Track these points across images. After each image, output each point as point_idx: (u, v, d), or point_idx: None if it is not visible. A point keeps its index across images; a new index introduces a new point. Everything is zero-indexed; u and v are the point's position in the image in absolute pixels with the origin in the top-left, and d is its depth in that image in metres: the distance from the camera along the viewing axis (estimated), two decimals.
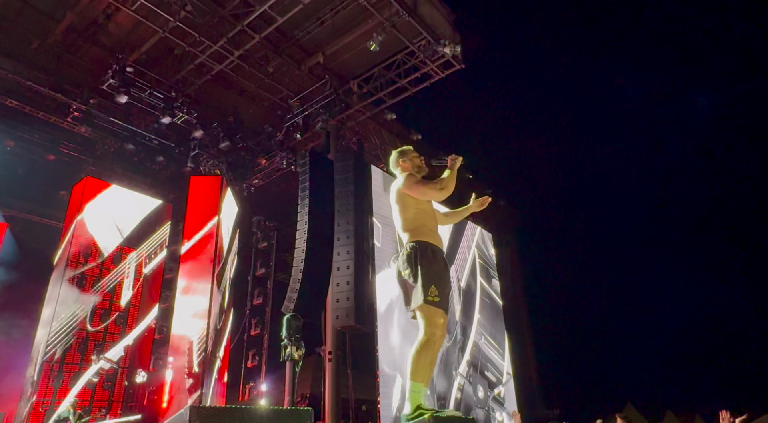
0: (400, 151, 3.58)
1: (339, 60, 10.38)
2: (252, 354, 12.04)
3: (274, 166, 11.73)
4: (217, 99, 11.18)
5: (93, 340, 8.80)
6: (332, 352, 9.21)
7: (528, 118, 17.97)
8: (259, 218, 13.06)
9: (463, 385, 11.75)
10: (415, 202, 3.33)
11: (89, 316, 8.83)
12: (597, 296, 16.97)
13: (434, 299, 3.02)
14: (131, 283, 9.62)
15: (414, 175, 3.41)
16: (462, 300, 12.90)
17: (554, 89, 17.67)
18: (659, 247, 17.45)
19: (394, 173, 3.58)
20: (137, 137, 10.54)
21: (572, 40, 16.65)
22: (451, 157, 3.39)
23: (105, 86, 9.08)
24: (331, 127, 10.66)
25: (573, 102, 17.76)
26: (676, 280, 16.62)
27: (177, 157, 11.11)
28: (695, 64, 16.97)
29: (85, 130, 9.95)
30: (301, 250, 8.87)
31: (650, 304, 16.95)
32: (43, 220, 10.66)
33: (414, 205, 3.33)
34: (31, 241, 10.04)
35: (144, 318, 9.66)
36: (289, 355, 6.20)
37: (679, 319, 16.16)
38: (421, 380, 3.00)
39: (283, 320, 6.56)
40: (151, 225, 10.30)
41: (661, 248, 17.43)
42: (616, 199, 18.16)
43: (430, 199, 3.39)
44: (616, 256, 17.68)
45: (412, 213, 3.32)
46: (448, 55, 9.24)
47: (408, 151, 3.56)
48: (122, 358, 9.10)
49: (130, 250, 9.83)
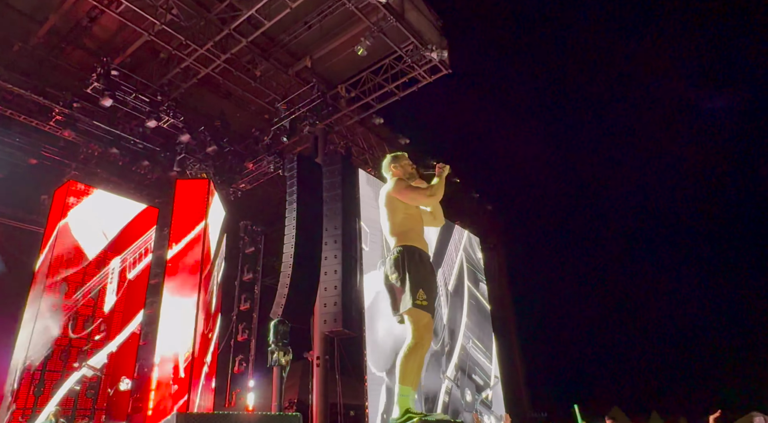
0: (394, 156, 3.58)
1: (327, 64, 10.39)
2: (239, 359, 11.92)
3: (262, 170, 11.67)
4: (204, 103, 11.10)
5: (76, 347, 8.64)
6: (320, 357, 9.15)
7: (516, 122, 18.17)
8: (246, 223, 12.98)
9: (451, 388, 11.76)
10: (404, 206, 3.35)
11: (72, 322, 8.67)
12: (584, 300, 17.16)
13: (422, 303, 3.04)
14: (115, 288, 9.47)
15: (404, 180, 3.43)
16: (449, 304, 12.93)
17: (542, 94, 17.89)
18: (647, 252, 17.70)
19: (384, 177, 3.58)
20: (122, 141, 10.39)
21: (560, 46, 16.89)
22: (439, 165, 3.42)
23: (89, 90, 8.95)
24: (319, 131, 10.65)
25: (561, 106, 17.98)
26: (661, 285, 16.88)
27: (163, 161, 10.97)
28: (693, 65, 17.28)
29: (68, 134, 9.78)
30: (289, 255, 8.82)
31: (636, 309, 17.18)
32: (24, 225, 10.47)
33: (403, 210, 3.35)
34: (11, 247, 9.84)
35: (128, 324, 9.50)
36: (276, 361, 6.14)
37: (663, 323, 16.40)
38: (410, 384, 3.01)
39: (270, 325, 6.51)
40: (136, 229, 10.16)
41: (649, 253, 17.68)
42: (603, 204, 18.40)
43: (420, 205, 3.42)
44: (603, 260, 17.90)
45: (400, 217, 3.34)
46: (435, 60, 9.31)
47: (401, 158, 3.56)
48: (105, 365, 8.94)
49: (114, 255, 9.69)
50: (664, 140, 17.94)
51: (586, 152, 18.39)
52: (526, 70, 17.80)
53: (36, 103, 9.40)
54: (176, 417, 2.21)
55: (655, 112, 18.53)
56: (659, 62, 17.64)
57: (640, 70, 18.14)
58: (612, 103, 18.71)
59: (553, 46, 16.89)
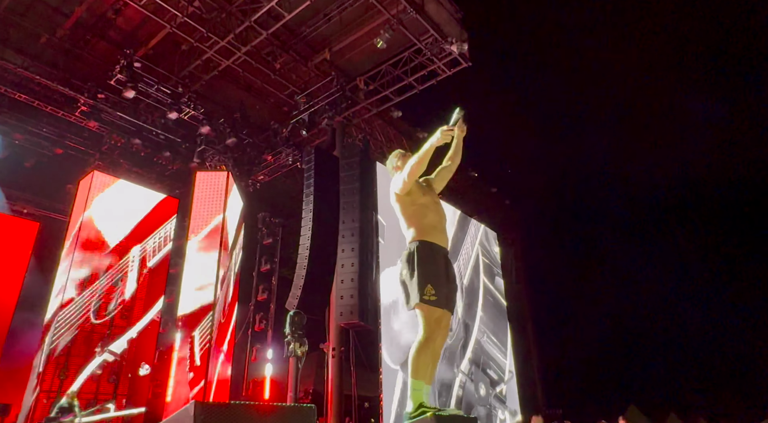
0: (399, 154, 3.59)
1: (346, 57, 10.35)
2: (256, 349, 12.05)
3: (280, 163, 11.72)
4: (224, 95, 11.18)
5: (98, 333, 8.85)
6: (335, 349, 9.22)
7: (535, 116, 17.88)
8: (264, 214, 13.06)
9: (465, 382, 11.75)
10: (411, 199, 3.31)
11: (93, 308, 8.88)
12: (602, 296, 16.90)
13: (430, 298, 3.02)
14: (136, 276, 9.66)
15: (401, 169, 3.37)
16: (465, 298, 12.89)
17: (562, 88, 17.54)
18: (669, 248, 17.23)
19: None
20: (144, 132, 10.55)
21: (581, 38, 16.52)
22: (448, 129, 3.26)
23: (113, 81, 9.07)
24: (337, 124, 10.64)
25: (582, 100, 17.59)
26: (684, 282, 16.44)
27: (183, 152, 11.11)
28: (707, 60, 16.76)
29: (93, 125, 9.97)
30: (306, 247, 8.86)
31: (657, 305, 16.81)
32: (50, 213, 10.73)
33: (410, 203, 3.30)
34: (38, 235, 10.10)
35: (148, 311, 9.70)
36: (292, 352, 6.20)
37: (685, 321, 16.00)
38: (423, 378, 3.01)
39: (287, 317, 6.56)
40: (156, 219, 10.33)
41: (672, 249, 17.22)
42: (624, 199, 18.00)
43: (417, 173, 3.26)
44: (623, 255, 17.55)
45: (411, 210, 3.30)
46: (455, 52, 9.19)
47: (406, 156, 3.55)
48: (126, 350, 9.15)
49: (135, 244, 9.87)
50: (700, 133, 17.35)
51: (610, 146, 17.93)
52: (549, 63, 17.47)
53: (62, 94, 9.59)
54: (194, 406, 2.24)
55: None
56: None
57: (663, 59, 17.64)
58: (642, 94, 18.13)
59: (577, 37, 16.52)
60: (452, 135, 3.23)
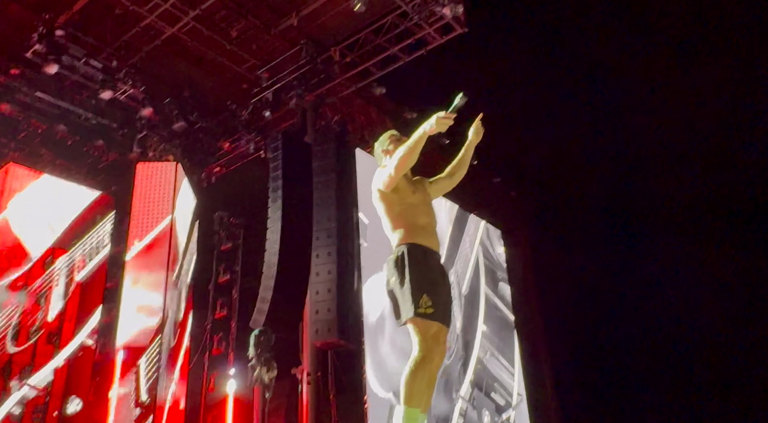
0: (391, 136, 3.60)
1: (317, 23, 10.29)
2: (214, 377, 11.98)
3: (240, 152, 11.71)
4: (169, 70, 11.05)
5: (18, 363, 8.70)
6: (311, 374, 9.23)
7: (542, 92, 17.92)
8: (221, 214, 12.97)
9: (466, 409, 11.84)
10: (399, 197, 3.33)
11: (12, 333, 8.72)
12: (627, 305, 17.05)
13: (426, 311, 3.03)
14: (62, 292, 9.52)
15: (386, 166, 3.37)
16: (463, 309, 12.97)
17: (572, 58, 17.61)
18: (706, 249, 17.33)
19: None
20: (71, 116, 10.41)
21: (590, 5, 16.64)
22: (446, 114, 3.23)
23: (29, 53, 8.94)
24: (308, 104, 10.63)
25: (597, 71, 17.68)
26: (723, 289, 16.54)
27: (120, 140, 11.00)
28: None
29: (4, 108, 9.78)
30: (273, 252, 8.88)
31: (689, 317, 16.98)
32: None
33: (397, 201, 3.33)
34: None
35: (78, 335, 9.57)
36: (257, 379, 6.19)
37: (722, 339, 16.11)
38: (417, 405, 3.03)
39: (251, 337, 6.55)
40: (87, 222, 10.20)
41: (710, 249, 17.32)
42: (649, 189, 18.13)
43: (405, 169, 3.26)
44: (651, 257, 17.69)
45: (397, 209, 3.32)
46: (447, 16, 9.20)
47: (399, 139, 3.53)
48: (51, 383, 8.99)
49: (62, 252, 9.72)
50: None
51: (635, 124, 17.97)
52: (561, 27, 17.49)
53: None
54: None
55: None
56: None
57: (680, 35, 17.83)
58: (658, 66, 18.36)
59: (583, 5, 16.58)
60: (449, 124, 3.21)
